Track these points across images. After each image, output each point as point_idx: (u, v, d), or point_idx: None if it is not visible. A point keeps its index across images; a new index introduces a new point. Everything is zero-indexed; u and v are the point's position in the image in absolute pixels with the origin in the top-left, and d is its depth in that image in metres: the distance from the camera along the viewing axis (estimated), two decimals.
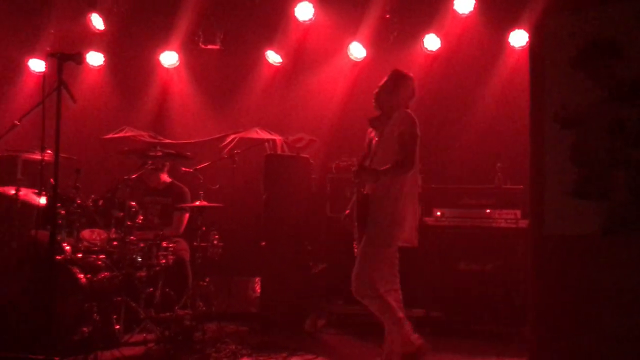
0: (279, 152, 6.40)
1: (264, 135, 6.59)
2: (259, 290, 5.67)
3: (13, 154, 5.73)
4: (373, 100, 4.26)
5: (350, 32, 6.80)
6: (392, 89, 4.21)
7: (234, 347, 4.66)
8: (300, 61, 7.16)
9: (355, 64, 7.01)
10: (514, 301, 5.21)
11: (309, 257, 5.59)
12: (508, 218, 5.36)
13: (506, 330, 5.22)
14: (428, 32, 6.62)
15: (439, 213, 5.57)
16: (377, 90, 4.26)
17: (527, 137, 3.30)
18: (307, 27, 6.88)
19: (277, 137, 6.60)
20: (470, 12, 6.40)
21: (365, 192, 4.07)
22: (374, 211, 3.93)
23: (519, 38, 6.36)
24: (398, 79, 4.25)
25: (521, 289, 5.15)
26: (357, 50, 6.86)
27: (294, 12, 6.67)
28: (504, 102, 6.45)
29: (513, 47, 6.44)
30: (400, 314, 3.95)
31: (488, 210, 5.47)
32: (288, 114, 7.09)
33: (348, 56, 6.93)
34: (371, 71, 7.00)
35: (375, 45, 6.89)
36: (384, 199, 3.92)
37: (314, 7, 6.61)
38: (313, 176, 5.79)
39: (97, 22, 7.02)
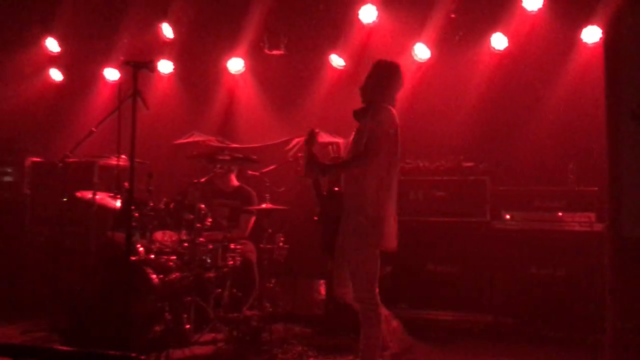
0: (342, 154, 6.41)
1: (327, 138, 6.61)
2: (324, 293, 5.69)
3: (90, 159, 6.01)
4: (360, 92, 4.04)
5: (414, 33, 6.73)
6: (377, 80, 3.97)
7: (300, 349, 4.71)
8: (363, 64, 7.10)
9: (420, 65, 6.93)
10: (587, 307, 5.01)
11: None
12: (582, 221, 5.16)
13: (579, 337, 5.02)
14: (495, 31, 6.48)
15: (508, 216, 5.43)
16: (363, 81, 4.03)
17: (601, 137, 3.18)
18: (371, 30, 6.87)
19: (341, 140, 6.61)
20: (539, 9, 6.21)
21: (336, 190, 3.95)
22: (355, 217, 3.75)
23: (591, 34, 6.11)
24: (383, 69, 3.98)
25: (596, 295, 4.94)
26: (421, 51, 6.78)
27: (357, 15, 6.68)
28: (575, 101, 6.23)
29: (585, 43, 6.19)
30: (385, 339, 3.85)
31: (560, 213, 5.28)
32: (351, 116, 7.08)
33: (412, 57, 6.86)
34: (436, 72, 6.92)
35: (440, 45, 6.79)
36: (364, 203, 3.72)
37: (377, 9, 6.60)
38: None
39: (167, 31, 7.28)
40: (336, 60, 7.13)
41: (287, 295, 6.00)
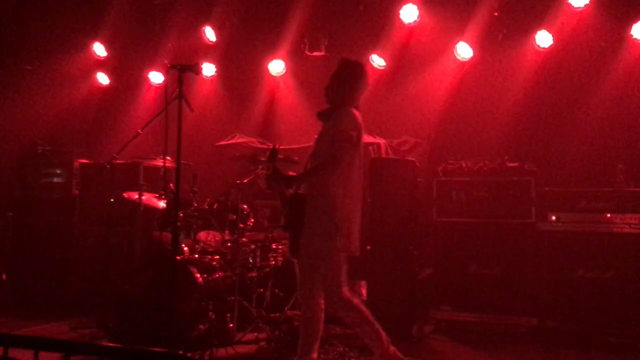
0: (383, 155, 6.39)
1: (367, 139, 6.59)
2: (365, 294, 5.68)
3: (136, 161, 6.15)
4: (324, 92, 3.93)
5: (456, 32, 6.67)
6: (341, 80, 3.82)
7: (341, 349, 4.70)
8: (404, 64, 7.12)
9: (462, 64, 6.86)
10: (636, 311, 4.86)
11: (415, 262, 5.53)
12: (632, 223, 5.01)
13: (628, 342, 4.88)
14: (539, 29, 6.36)
15: (554, 217, 5.30)
16: (328, 81, 3.90)
17: None
18: (412, 29, 6.83)
19: (381, 141, 6.59)
20: (586, 5, 6.06)
21: (300, 193, 3.80)
22: (322, 221, 3.63)
23: None
24: (348, 69, 3.83)
25: None
26: (463, 50, 6.71)
27: (398, 14, 6.65)
28: (624, 99, 6.06)
29: (635, 39, 6.02)
30: (377, 325, 3.75)
31: (608, 215, 5.13)
32: (392, 117, 7.07)
33: (454, 56, 6.80)
34: (478, 71, 6.84)
35: (483, 44, 6.71)
36: (331, 207, 3.60)
37: (418, 8, 6.56)
38: (419, 179, 5.72)
39: (209, 34, 7.40)
40: (377, 60, 7.12)
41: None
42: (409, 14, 6.59)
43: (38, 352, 1.99)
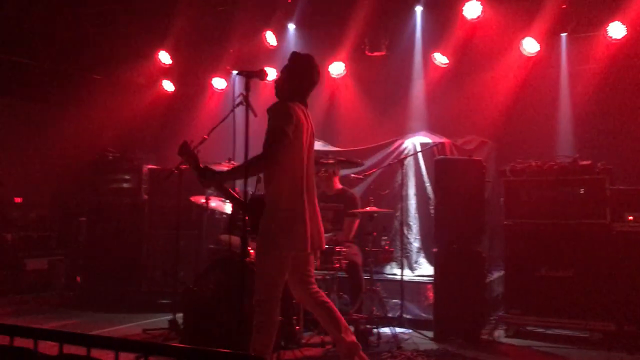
0: (447, 155, 6.27)
1: (432, 138, 6.50)
2: (432, 297, 5.58)
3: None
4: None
5: (522, 26, 6.48)
6: (288, 74, 3.68)
7: (409, 354, 4.64)
8: (467, 61, 6.97)
9: (528, 59, 6.67)
10: None
11: (483, 264, 5.39)
12: None
13: None
14: (612, 20, 6.09)
15: (631, 217, 5.05)
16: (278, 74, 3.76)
17: None
18: (475, 25, 6.68)
19: (446, 140, 6.47)
20: None
21: (259, 195, 3.70)
22: (265, 218, 3.52)
23: None
24: (296, 63, 3.69)
25: None
26: (530, 45, 6.51)
27: (461, 11, 6.52)
28: None
29: None
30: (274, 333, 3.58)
31: None
32: (456, 115, 6.94)
33: (519, 52, 6.62)
34: (545, 66, 6.64)
35: (550, 38, 6.49)
36: (274, 205, 3.49)
37: (482, 4, 6.40)
38: (487, 180, 5.57)
39: (271, 39, 7.48)
40: (439, 59, 7.00)
41: (394, 299, 5.95)
42: (472, 10, 6.46)
43: (118, 353, 2.05)
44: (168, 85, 8.39)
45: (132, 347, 2.16)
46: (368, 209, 5.37)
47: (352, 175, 6.14)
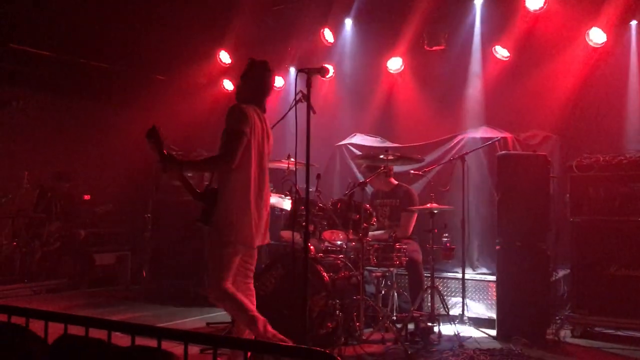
0: (510, 150, 6.12)
1: (493, 133, 6.35)
2: (495, 295, 5.47)
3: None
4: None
5: (588, 16, 6.24)
6: (244, 79, 3.90)
7: (471, 352, 4.56)
8: (530, 53, 6.78)
9: (594, 50, 6.41)
10: None
11: (548, 262, 5.24)
12: None
13: None
14: None
15: None
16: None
17: None
18: (537, 17, 6.49)
19: (508, 135, 6.31)
20: None
21: (211, 187, 3.82)
22: (215, 211, 3.70)
23: None
24: (250, 69, 3.89)
25: None
26: (596, 36, 6.26)
27: (523, 2, 6.35)
28: None
29: None
30: (253, 312, 3.72)
31: None
32: (519, 109, 6.75)
33: (585, 43, 6.37)
34: (613, 56, 6.37)
35: (618, 27, 6.23)
36: (219, 199, 3.69)
37: None
38: (551, 175, 5.40)
39: (328, 36, 7.51)
40: (500, 52, 6.84)
41: (456, 297, 5.87)
42: (534, 1, 6.27)
43: (187, 344, 2.11)
44: (228, 85, 8.54)
45: (201, 340, 2.22)
46: (428, 205, 5.31)
47: (412, 171, 6.08)
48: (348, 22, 7.61)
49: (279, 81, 8.16)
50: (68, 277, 7.94)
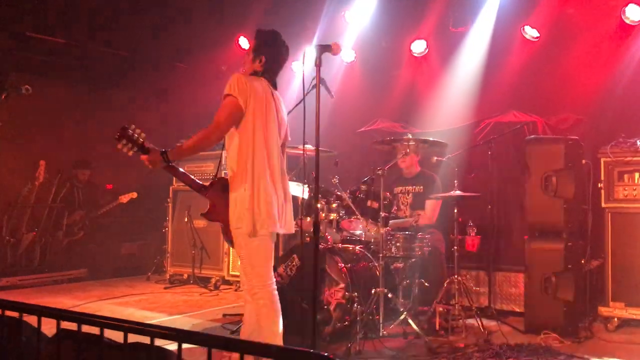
0: (540, 135, 5.82)
1: (522, 117, 6.06)
2: (522, 287, 5.22)
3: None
4: None
5: None
6: (249, 53, 3.61)
7: (497, 348, 4.33)
8: (560, 33, 6.41)
9: (629, 28, 6.03)
10: None
11: (581, 252, 4.95)
12: None
13: None
14: None
15: None
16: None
17: None
18: None
19: (538, 119, 6.01)
20: None
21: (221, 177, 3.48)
22: (231, 205, 3.34)
23: None
24: (257, 37, 3.63)
25: None
26: (633, 13, 5.88)
27: None
28: None
29: None
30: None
31: None
32: (549, 92, 6.41)
33: (621, 20, 5.99)
34: None
35: None
36: (235, 188, 3.33)
37: None
38: (584, 161, 5.11)
39: (350, 18, 7.27)
40: (530, 32, 6.50)
41: (481, 289, 5.63)
42: None
43: (181, 344, 1.97)
44: None
45: (194, 339, 2.06)
46: (452, 193, 5.07)
47: (435, 158, 5.82)
48: (371, 4, 7.35)
49: (299, 67, 7.95)
50: (90, 266, 7.92)
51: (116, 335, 2.13)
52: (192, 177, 3.57)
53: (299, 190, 5.07)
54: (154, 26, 7.76)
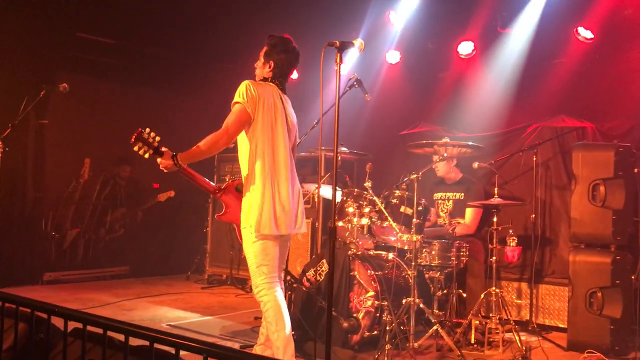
0: (590, 141, 5.50)
1: (571, 122, 5.75)
2: (567, 301, 4.93)
3: (315, 153, 6.08)
4: None
5: None
6: (261, 58, 3.68)
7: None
8: (616, 35, 6.06)
9: None
10: None
11: (629, 267, 4.63)
12: None
13: None
14: None
15: None
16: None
17: None
18: None
19: (588, 124, 5.69)
20: None
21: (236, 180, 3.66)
22: (242, 207, 3.51)
23: None
24: (267, 46, 3.66)
25: None
26: None
27: None
28: None
29: None
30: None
31: None
32: (602, 96, 6.05)
33: None
34: None
35: None
36: (247, 191, 3.49)
37: None
38: (636, 170, 4.78)
39: (394, 19, 7.12)
40: (583, 33, 6.16)
41: (523, 302, 5.37)
42: None
43: (179, 350, 1.94)
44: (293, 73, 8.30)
45: (192, 347, 1.98)
46: (493, 200, 4.84)
47: (477, 163, 5.60)
48: (416, 5, 7.16)
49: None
50: (133, 263, 8.04)
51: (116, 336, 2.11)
52: (207, 180, 3.68)
53: (330, 193, 4.95)
54: (200, 26, 7.80)
